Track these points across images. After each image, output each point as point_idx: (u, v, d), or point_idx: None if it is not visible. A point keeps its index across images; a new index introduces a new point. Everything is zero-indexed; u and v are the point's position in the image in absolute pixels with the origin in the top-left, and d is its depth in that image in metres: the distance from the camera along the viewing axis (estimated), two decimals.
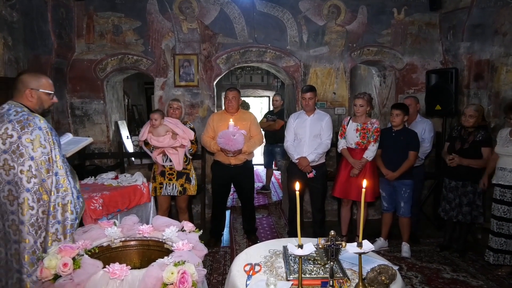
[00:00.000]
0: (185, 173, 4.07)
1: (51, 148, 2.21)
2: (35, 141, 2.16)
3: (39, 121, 2.22)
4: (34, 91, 2.32)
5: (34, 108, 2.35)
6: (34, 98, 2.33)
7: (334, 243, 1.60)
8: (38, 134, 2.18)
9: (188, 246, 1.94)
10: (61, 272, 1.65)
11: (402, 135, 4.03)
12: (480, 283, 3.49)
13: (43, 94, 2.34)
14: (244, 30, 5.12)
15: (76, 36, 4.95)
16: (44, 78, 2.38)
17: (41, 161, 2.17)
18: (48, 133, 2.22)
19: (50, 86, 2.39)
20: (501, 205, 3.62)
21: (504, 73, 4.46)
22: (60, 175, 2.22)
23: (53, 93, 2.40)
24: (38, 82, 2.34)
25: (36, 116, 2.24)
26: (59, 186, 2.21)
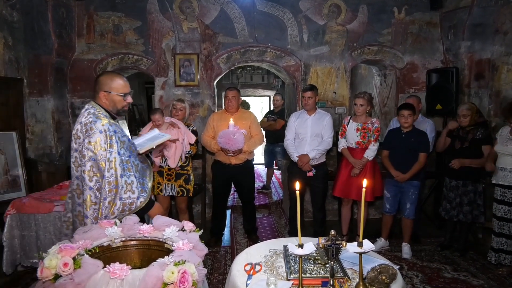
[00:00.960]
0: (183, 174, 4.06)
1: (110, 150, 2.28)
2: (96, 144, 2.25)
3: (101, 125, 2.28)
4: (107, 93, 2.40)
5: (109, 108, 2.43)
6: (107, 100, 2.42)
7: (334, 242, 1.60)
8: (98, 137, 2.26)
9: (189, 246, 1.93)
10: (61, 272, 1.64)
11: (413, 136, 3.96)
12: (481, 282, 3.49)
13: (115, 96, 2.41)
14: (244, 30, 5.12)
15: (77, 35, 4.95)
16: (118, 80, 2.43)
17: (100, 163, 2.26)
18: (107, 136, 2.27)
19: (123, 88, 2.43)
20: (502, 205, 3.62)
21: (505, 72, 4.45)
22: (113, 176, 2.27)
23: (128, 93, 2.44)
24: (110, 85, 2.40)
25: (99, 120, 2.29)
26: (110, 187, 2.27)
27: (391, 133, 4.15)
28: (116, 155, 2.28)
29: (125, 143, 2.38)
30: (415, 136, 3.96)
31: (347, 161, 4.20)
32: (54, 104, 4.64)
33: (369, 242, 1.62)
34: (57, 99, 4.70)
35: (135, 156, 2.46)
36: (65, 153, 4.86)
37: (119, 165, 2.27)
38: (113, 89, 2.40)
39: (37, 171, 4.21)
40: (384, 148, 4.19)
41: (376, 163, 4.25)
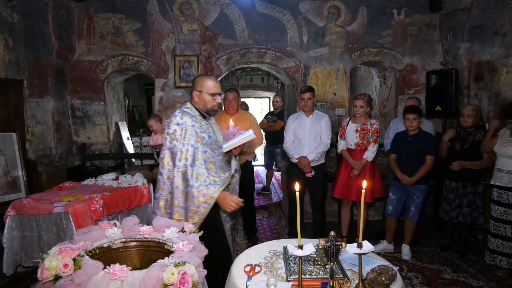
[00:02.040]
0: None
1: (182, 142, 2.46)
2: (172, 135, 2.48)
3: (180, 118, 2.50)
4: (199, 93, 2.60)
5: (200, 108, 2.64)
6: (198, 99, 2.63)
7: (334, 243, 1.60)
8: (175, 129, 2.48)
9: (189, 247, 1.94)
10: (61, 273, 1.65)
11: (419, 139, 3.94)
12: (481, 283, 3.48)
13: (206, 95, 2.59)
14: (244, 31, 5.13)
15: (77, 37, 4.97)
16: (209, 80, 2.62)
17: (172, 152, 2.48)
18: (184, 129, 2.47)
19: (213, 88, 2.60)
20: (498, 206, 3.62)
21: (504, 74, 4.46)
22: (184, 166, 2.44)
23: (217, 94, 2.60)
24: (202, 85, 2.60)
25: (179, 114, 2.53)
26: (180, 176, 2.44)
27: (398, 136, 4.14)
28: (189, 147, 2.45)
29: (203, 139, 2.54)
30: (422, 138, 3.95)
31: (346, 162, 4.20)
32: (54, 106, 4.64)
33: (369, 243, 1.63)
34: (57, 101, 4.71)
35: (215, 154, 2.61)
36: (65, 154, 4.87)
37: (189, 155, 2.44)
38: (204, 88, 2.59)
39: (37, 172, 4.21)
40: (391, 151, 4.19)
41: (375, 164, 4.25)
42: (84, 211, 3.12)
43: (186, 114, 2.55)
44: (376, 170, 4.25)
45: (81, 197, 3.30)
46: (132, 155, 5.67)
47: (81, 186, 3.80)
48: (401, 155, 4.06)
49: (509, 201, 3.54)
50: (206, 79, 2.64)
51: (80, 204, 3.13)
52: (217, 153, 2.63)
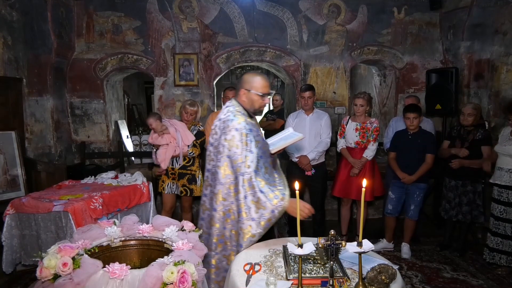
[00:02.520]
0: (186, 174, 4.07)
1: (243, 148, 2.28)
2: (231, 141, 2.29)
3: (237, 123, 2.31)
4: (247, 91, 2.45)
5: (247, 107, 2.48)
6: (246, 98, 2.47)
7: (334, 242, 1.59)
8: (234, 135, 2.29)
9: (188, 246, 1.94)
10: (60, 271, 1.65)
11: (419, 138, 3.94)
12: (480, 282, 3.49)
13: (254, 95, 2.44)
14: (244, 30, 5.12)
15: (76, 35, 4.95)
16: (259, 79, 2.45)
17: (234, 160, 2.29)
18: (243, 134, 2.29)
19: (262, 88, 2.45)
20: (498, 205, 3.62)
21: (505, 73, 4.46)
22: (247, 173, 2.25)
23: (266, 94, 2.46)
24: (251, 83, 2.44)
25: (236, 118, 2.34)
26: (246, 185, 2.25)
27: (398, 135, 4.13)
28: (249, 153, 2.28)
29: (259, 143, 2.39)
30: (422, 137, 3.94)
31: (346, 161, 4.20)
32: (54, 104, 4.63)
33: (369, 242, 1.62)
34: (56, 99, 4.70)
35: (266, 157, 2.46)
36: (65, 153, 4.86)
37: (251, 162, 2.26)
38: (253, 87, 2.43)
39: (36, 171, 4.19)
40: (391, 149, 4.19)
41: (375, 163, 4.25)
42: (84, 210, 3.12)
43: (239, 116, 2.35)
44: (376, 168, 4.25)
45: (80, 196, 3.30)
46: (131, 154, 5.66)
47: (80, 184, 3.79)
48: (401, 154, 4.06)
49: (509, 200, 3.54)
50: (257, 77, 2.46)
51: (80, 202, 3.12)
52: (267, 155, 2.48)
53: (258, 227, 2.21)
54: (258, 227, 2.21)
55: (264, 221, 2.21)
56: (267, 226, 2.24)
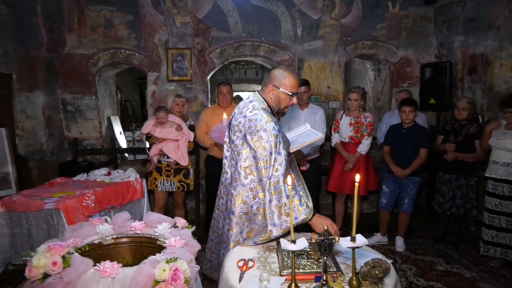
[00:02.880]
0: (182, 168, 4.08)
1: (271, 151, 2.13)
2: (257, 142, 2.15)
3: (266, 123, 2.16)
4: (276, 88, 2.30)
5: (272, 104, 2.34)
6: (273, 96, 2.32)
7: (327, 237, 1.58)
8: (261, 136, 2.15)
9: (181, 243, 1.92)
10: (50, 271, 1.62)
11: (414, 132, 3.94)
12: (473, 274, 3.51)
13: (282, 93, 2.30)
14: (238, 24, 5.07)
15: (67, 30, 4.87)
16: (290, 78, 2.29)
17: (259, 162, 2.15)
18: (272, 136, 2.14)
19: (292, 87, 2.30)
20: (493, 198, 3.64)
21: (498, 67, 4.45)
22: (274, 177, 2.11)
23: (295, 94, 2.32)
24: (281, 81, 2.29)
25: (264, 118, 2.18)
26: (272, 188, 2.11)
27: (392, 129, 4.13)
28: (278, 155, 2.13)
29: (286, 143, 2.27)
30: (416, 131, 3.95)
31: (340, 155, 4.19)
32: (45, 100, 4.57)
33: (362, 236, 1.61)
34: (47, 95, 4.63)
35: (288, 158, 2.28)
36: (57, 150, 4.80)
37: (279, 165, 2.12)
38: (283, 85, 2.28)
39: (27, 168, 4.14)
40: (385, 143, 4.19)
41: (369, 157, 4.25)
42: (76, 207, 3.08)
43: (266, 116, 2.19)
44: (370, 163, 4.25)
45: (72, 193, 3.26)
46: (125, 150, 5.61)
47: (72, 181, 3.75)
48: (395, 148, 4.06)
49: (504, 193, 3.56)
50: (289, 75, 2.29)
51: (72, 200, 3.09)
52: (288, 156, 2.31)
53: (279, 232, 2.10)
54: (279, 232, 2.10)
55: (285, 228, 2.09)
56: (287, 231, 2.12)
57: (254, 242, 2.16)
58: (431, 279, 3.44)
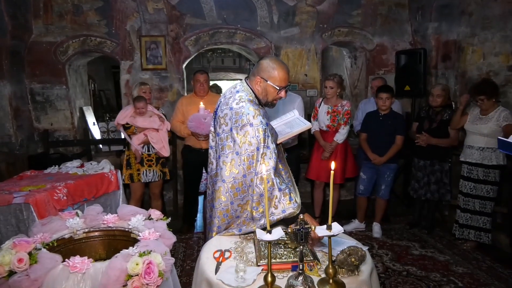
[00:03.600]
0: (160, 158, 4.06)
1: (258, 146, 2.04)
2: (243, 137, 2.06)
3: (253, 117, 2.07)
4: (263, 80, 2.20)
5: (259, 96, 2.25)
6: (260, 88, 2.23)
7: (303, 226, 1.57)
8: (247, 130, 2.06)
9: (155, 235, 1.86)
10: (16, 268, 1.54)
11: (390, 119, 3.98)
12: (447, 257, 3.61)
13: (270, 86, 2.19)
14: (212, 11, 4.96)
15: (33, 16, 4.63)
16: (279, 71, 2.17)
17: (244, 157, 2.05)
18: (260, 130, 2.04)
19: (281, 81, 2.18)
20: (468, 182, 3.74)
21: (470, 53, 4.54)
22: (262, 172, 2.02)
23: (283, 88, 2.20)
24: (269, 73, 2.18)
25: (251, 111, 2.08)
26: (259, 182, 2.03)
27: (369, 116, 4.16)
28: (267, 149, 2.06)
29: (273, 136, 2.22)
30: (392, 118, 3.99)
31: (318, 144, 4.20)
32: (11, 90, 4.36)
33: (338, 225, 1.61)
34: (14, 85, 4.42)
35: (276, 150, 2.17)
36: (26, 142, 4.62)
37: (269, 159, 2.05)
38: (271, 78, 2.18)
39: None
40: (362, 130, 4.21)
41: (348, 145, 4.27)
42: (47, 201, 2.97)
43: (253, 109, 2.09)
44: (348, 150, 4.27)
45: (43, 186, 3.14)
46: (98, 141, 5.45)
47: (43, 174, 3.61)
48: (372, 135, 4.10)
49: (478, 177, 3.66)
50: (278, 67, 2.18)
51: (42, 193, 2.97)
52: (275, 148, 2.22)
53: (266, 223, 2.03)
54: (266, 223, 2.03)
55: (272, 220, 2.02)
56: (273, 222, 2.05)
57: (239, 229, 2.12)
58: (407, 264, 3.52)
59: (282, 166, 2.36)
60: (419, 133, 4.06)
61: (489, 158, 3.58)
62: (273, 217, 2.01)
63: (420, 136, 4.01)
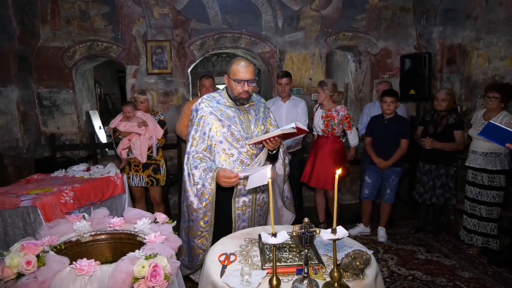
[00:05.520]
0: (152, 164, 4.00)
1: (193, 128, 2.46)
2: (191, 121, 2.51)
3: (199, 104, 2.49)
4: (227, 77, 2.43)
5: (230, 93, 2.48)
6: (227, 84, 2.46)
7: (308, 230, 1.58)
8: (193, 115, 2.49)
9: (161, 238, 1.88)
10: (24, 270, 1.57)
11: (395, 123, 3.97)
12: (453, 262, 3.59)
13: (231, 81, 2.38)
14: (217, 15, 4.99)
15: (41, 22, 4.69)
16: (235, 64, 2.36)
17: (188, 137, 2.54)
18: (198, 115, 2.45)
19: (234, 74, 2.35)
20: (473, 187, 3.72)
21: (475, 57, 4.53)
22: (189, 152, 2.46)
23: (243, 80, 2.35)
24: (228, 69, 2.40)
25: (199, 100, 2.50)
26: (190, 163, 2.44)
27: (374, 120, 4.15)
28: (201, 134, 2.41)
29: (223, 128, 2.41)
30: (397, 122, 3.98)
31: (315, 149, 4.19)
32: (19, 95, 4.42)
33: (343, 228, 1.61)
34: (22, 89, 4.48)
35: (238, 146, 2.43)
36: (33, 146, 4.67)
37: (197, 142, 2.42)
38: (230, 73, 2.38)
39: (2, 165, 4.02)
40: (366, 134, 4.20)
41: (344, 151, 4.20)
42: (54, 204, 2.99)
43: (208, 100, 2.48)
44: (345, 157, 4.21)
45: (50, 190, 3.17)
46: (105, 145, 5.49)
47: (50, 178, 3.64)
48: (377, 139, 4.09)
49: (483, 182, 3.64)
50: (234, 62, 2.39)
51: (49, 197, 3.00)
52: (240, 145, 2.44)
53: (200, 203, 2.39)
54: (200, 203, 2.39)
55: (200, 197, 2.38)
56: (207, 204, 2.39)
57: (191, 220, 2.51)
58: (412, 268, 3.50)
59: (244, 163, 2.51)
60: (424, 137, 4.05)
61: (493, 163, 3.56)
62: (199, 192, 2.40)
63: (425, 140, 4.00)
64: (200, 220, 2.43)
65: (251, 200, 2.58)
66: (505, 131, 2.75)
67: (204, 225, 2.44)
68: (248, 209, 2.58)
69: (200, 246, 2.51)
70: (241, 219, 2.56)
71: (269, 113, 2.72)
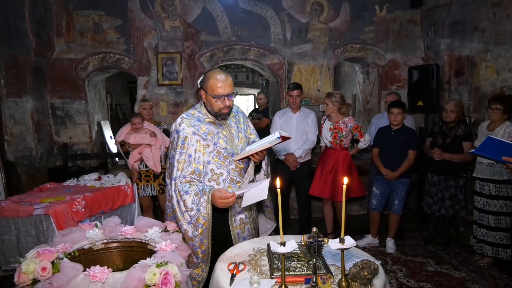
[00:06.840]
0: (162, 172, 4.08)
1: (177, 152, 2.21)
2: (172, 143, 2.27)
3: (179, 125, 2.23)
4: (204, 92, 2.22)
5: (208, 108, 2.28)
6: (205, 100, 2.25)
7: (316, 239, 1.60)
8: (174, 137, 2.24)
9: (171, 247, 1.92)
10: (39, 276, 1.61)
11: (402, 134, 3.98)
12: (463, 275, 3.55)
13: (209, 97, 2.19)
14: (227, 28, 5.09)
15: (56, 34, 4.84)
16: (213, 78, 2.15)
17: (170, 163, 2.26)
18: (180, 137, 2.20)
19: (212, 89, 2.15)
20: (481, 198, 3.71)
21: (483, 69, 4.54)
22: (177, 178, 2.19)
23: (223, 96, 2.15)
24: (205, 84, 2.20)
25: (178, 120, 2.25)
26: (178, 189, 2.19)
27: (381, 131, 4.17)
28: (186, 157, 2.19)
29: (208, 147, 2.23)
30: (404, 133, 3.99)
31: (321, 160, 4.21)
32: (34, 105, 4.53)
33: (351, 238, 1.63)
34: (36, 100, 4.60)
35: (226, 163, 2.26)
36: (46, 155, 4.76)
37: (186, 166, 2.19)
38: (207, 88, 2.17)
39: (16, 174, 4.10)
40: (374, 145, 4.22)
41: (352, 162, 4.20)
42: (66, 213, 3.06)
43: (188, 119, 2.23)
44: (353, 168, 4.21)
45: (62, 198, 3.23)
46: (115, 155, 5.57)
47: (62, 187, 3.72)
48: (384, 150, 4.10)
49: (490, 192, 3.63)
50: (211, 76, 2.17)
51: (61, 205, 3.07)
52: (228, 162, 2.27)
53: (195, 230, 2.18)
54: (195, 230, 2.18)
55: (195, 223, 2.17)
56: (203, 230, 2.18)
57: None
58: (421, 280, 3.47)
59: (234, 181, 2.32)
60: (433, 149, 4.05)
61: (500, 173, 3.56)
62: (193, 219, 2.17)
63: (434, 151, 4.00)
64: (197, 249, 2.23)
65: (248, 216, 2.46)
66: (504, 144, 2.72)
67: (201, 255, 2.25)
68: (247, 226, 2.46)
69: (195, 277, 2.31)
70: (242, 238, 2.42)
71: (248, 122, 2.59)
